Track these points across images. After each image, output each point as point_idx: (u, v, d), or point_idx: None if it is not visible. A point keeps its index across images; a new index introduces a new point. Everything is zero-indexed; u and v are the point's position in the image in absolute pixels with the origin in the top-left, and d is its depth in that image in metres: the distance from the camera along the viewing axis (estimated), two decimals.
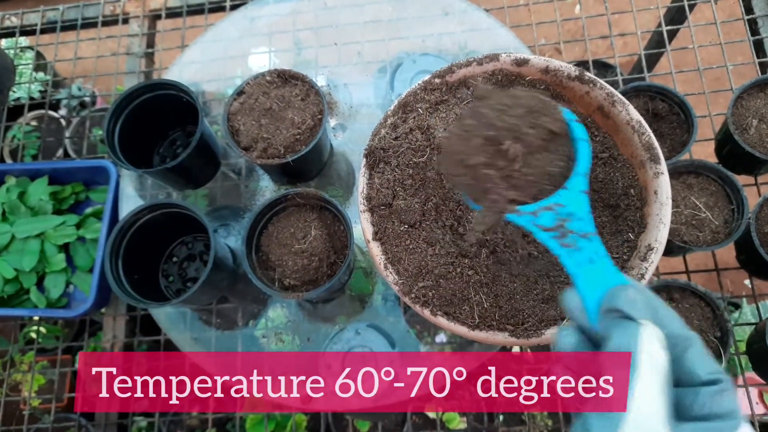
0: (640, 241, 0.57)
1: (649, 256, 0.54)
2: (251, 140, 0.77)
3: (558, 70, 0.62)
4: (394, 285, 0.56)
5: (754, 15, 1.00)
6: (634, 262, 0.56)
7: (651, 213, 0.57)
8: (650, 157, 0.58)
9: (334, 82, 0.98)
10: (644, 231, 0.57)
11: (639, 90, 0.86)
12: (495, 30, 0.98)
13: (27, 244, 0.93)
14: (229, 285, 0.84)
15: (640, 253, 0.55)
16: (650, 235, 0.56)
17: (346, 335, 0.83)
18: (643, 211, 0.58)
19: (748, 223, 0.78)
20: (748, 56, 0.99)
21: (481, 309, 0.54)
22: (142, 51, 1.11)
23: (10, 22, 1.18)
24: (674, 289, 0.79)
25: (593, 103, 0.62)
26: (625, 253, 0.57)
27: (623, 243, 0.58)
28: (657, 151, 0.58)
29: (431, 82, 0.64)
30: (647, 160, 0.58)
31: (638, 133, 0.59)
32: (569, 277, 0.40)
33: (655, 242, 0.55)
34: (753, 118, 0.83)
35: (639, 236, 0.57)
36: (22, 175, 0.98)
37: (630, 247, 0.57)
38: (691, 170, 0.83)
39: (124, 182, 0.95)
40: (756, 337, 0.82)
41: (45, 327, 1.32)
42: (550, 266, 0.59)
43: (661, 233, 0.55)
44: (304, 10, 1.04)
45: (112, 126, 0.83)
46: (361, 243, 0.84)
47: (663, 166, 0.57)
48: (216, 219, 0.92)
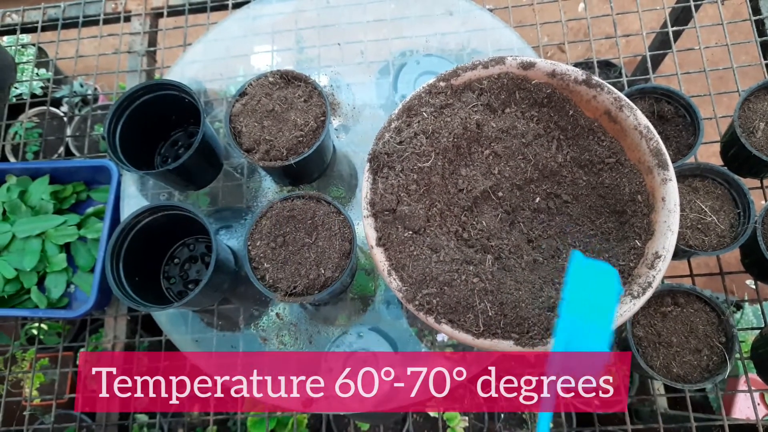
0: (647, 248, 0.56)
1: (656, 264, 0.54)
2: (254, 142, 0.76)
3: (565, 74, 0.62)
4: (397, 292, 0.56)
5: (761, 16, 0.99)
6: (641, 269, 0.55)
7: (658, 220, 0.56)
8: (658, 163, 0.57)
9: (337, 83, 0.97)
10: (651, 238, 0.56)
11: (644, 92, 0.86)
12: (499, 30, 0.97)
13: (28, 244, 0.93)
14: (231, 287, 0.84)
15: (647, 260, 0.55)
16: (658, 243, 0.55)
17: (349, 338, 0.83)
18: (651, 218, 0.58)
19: (754, 227, 0.78)
20: (754, 57, 0.98)
21: (485, 317, 0.53)
22: (144, 49, 1.11)
23: (11, 19, 1.18)
24: (679, 293, 0.78)
25: (600, 107, 0.61)
26: (632, 260, 0.57)
27: (630, 250, 0.57)
28: (665, 156, 0.57)
29: (436, 85, 0.63)
30: (655, 166, 0.57)
31: (646, 139, 0.58)
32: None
33: (662, 250, 0.54)
34: (760, 121, 0.82)
35: (646, 243, 0.57)
36: (23, 174, 0.98)
37: (637, 254, 0.57)
38: (697, 173, 0.82)
39: (126, 182, 0.94)
40: (761, 342, 0.82)
41: (46, 324, 1.32)
42: (555, 273, 0.58)
43: (668, 241, 0.54)
44: (306, 9, 1.03)
45: (113, 127, 0.82)
46: (363, 244, 0.84)
47: (671, 172, 0.56)
48: (218, 220, 0.91)
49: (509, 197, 0.63)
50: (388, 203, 0.58)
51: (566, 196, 0.62)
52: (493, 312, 0.53)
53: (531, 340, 0.52)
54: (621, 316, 0.52)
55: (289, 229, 0.72)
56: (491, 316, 0.53)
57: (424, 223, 0.58)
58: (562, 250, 0.60)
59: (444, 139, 0.60)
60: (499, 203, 0.63)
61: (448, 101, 0.63)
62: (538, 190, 0.63)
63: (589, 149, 0.62)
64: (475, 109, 0.63)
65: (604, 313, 0.44)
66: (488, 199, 0.63)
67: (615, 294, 0.46)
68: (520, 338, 0.52)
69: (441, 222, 0.59)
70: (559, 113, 0.63)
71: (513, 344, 0.52)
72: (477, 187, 0.62)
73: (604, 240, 0.60)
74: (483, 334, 0.53)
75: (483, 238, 0.60)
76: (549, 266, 0.59)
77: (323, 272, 0.69)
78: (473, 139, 0.62)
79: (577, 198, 0.62)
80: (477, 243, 0.60)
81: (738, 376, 1.19)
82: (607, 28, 1.04)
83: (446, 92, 0.63)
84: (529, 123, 0.63)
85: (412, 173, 0.59)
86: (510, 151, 0.62)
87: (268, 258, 0.71)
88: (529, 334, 0.52)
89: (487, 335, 0.53)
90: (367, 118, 0.94)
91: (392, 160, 0.60)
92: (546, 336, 0.53)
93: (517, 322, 0.53)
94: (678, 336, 0.76)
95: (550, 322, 0.53)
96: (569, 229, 0.61)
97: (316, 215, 0.72)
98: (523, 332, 0.53)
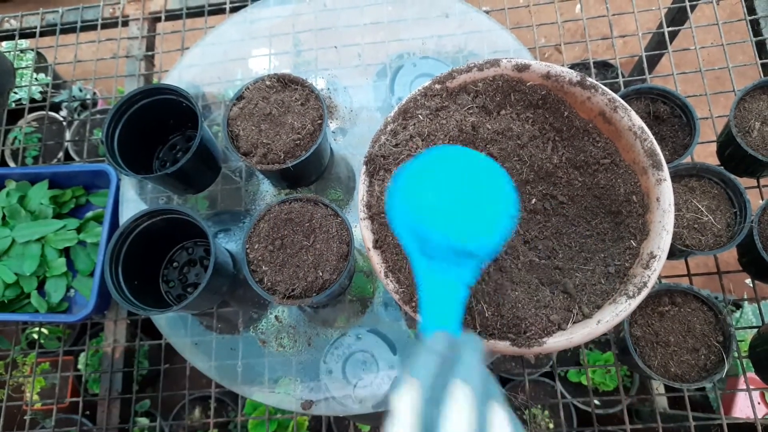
0: (642, 248, 0.57)
1: (651, 264, 0.54)
2: (251, 145, 0.77)
3: (559, 76, 0.62)
4: (394, 294, 0.56)
5: (757, 15, 1.00)
6: (636, 270, 0.56)
7: (653, 220, 0.57)
8: (652, 164, 0.57)
9: (334, 85, 0.97)
10: (646, 238, 0.57)
11: (640, 93, 0.86)
12: (495, 32, 0.97)
13: (27, 249, 0.93)
14: (230, 290, 0.84)
15: (643, 260, 0.55)
16: (653, 243, 0.55)
17: (347, 340, 0.83)
18: (646, 218, 0.58)
19: (751, 227, 0.78)
20: (749, 56, 0.99)
21: (482, 318, 0.53)
22: (142, 53, 1.11)
23: (10, 25, 1.18)
24: (676, 293, 0.79)
25: (595, 108, 0.62)
26: (628, 260, 0.57)
27: (625, 250, 0.58)
28: (659, 157, 0.57)
29: (431, 87, 0.63)
30: (649, 167, 0.58)
31: (640, 140, 0.58)
32: (575, 283, 0.40)
33: (657, 250, 0.55)
34: (756, 120, 0.83)
35: (641, 243, 0.57)
36: (23, 179, 0.98)
37: (632, 254, 0.57)
38: (693, 173, 0.83)
39: (125, 186, 0.95)
40: (759, 340, 0.82)
41: (47, 329, 1.32)
42: (552, 273, 0.59)
43: (663, 241, 0.55)
44: (303, 12, 1.03)
45: (112, 131, 0.83)
46: (361, 246, 0.84)
47: (665, 173, 0.57)
48: (216, 223, 0.92)
49: None
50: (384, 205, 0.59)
51: (562, 197, 0.63)
52: (489, 313, 0.53)
53: (528, 341, 0.52)
54: (617, 316, 0.52)
55: (287, 232, 0.72)
56: (488, 317, 0.53)
57: None
58: (558, 251, 0.60)
59: (440, 141, 0.60)
60: None
61: (444, 104, 0.63)
62: (534, 191, 0.63)
63: (584, 150, 0.62)
64: (471, 111, 0.63)
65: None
66: None
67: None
68: (517, 339, 0.53)
69: None
70: (554, 115, 0.63)
71: (510, 345, 0.52)
72: None
73: (600, 240, 0.60)
74: (480, 335, 0.53)
75: None
76: (546, 266, 0.59)
77: (321, 275, 0.70)
78: (469, 141, 0.62)
79: (573, 199, 0.62)
80: None
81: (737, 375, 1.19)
82: (603, 28, 1.05)
83: (441, 95, 0.63)
84: (524, 125, 0.63)
85: None
86: (505, 153, 0.62)
87: (266, 261, 0.71)
88: (527, 334, 0.53)
89: (483, 336, 0.53)
90: (364, 121, 0.94)
91: (388, 162, 0.60)
92: (543, 336, 0.53)
93: (514, 322, 0.53)
94: (675, 335, 0.76)
95: (547, 322, 0.54)
96: (565, 230, 0.62)
97: (313, 218, 0.72)
98: (519, 332, 0.53)
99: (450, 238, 0.42)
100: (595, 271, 0.58)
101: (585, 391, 1.47)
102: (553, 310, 0.55)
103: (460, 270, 0.43)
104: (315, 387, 0.82)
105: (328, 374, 0.82)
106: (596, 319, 0.53)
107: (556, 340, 0.52)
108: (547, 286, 0.57)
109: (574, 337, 0.52)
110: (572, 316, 0.54)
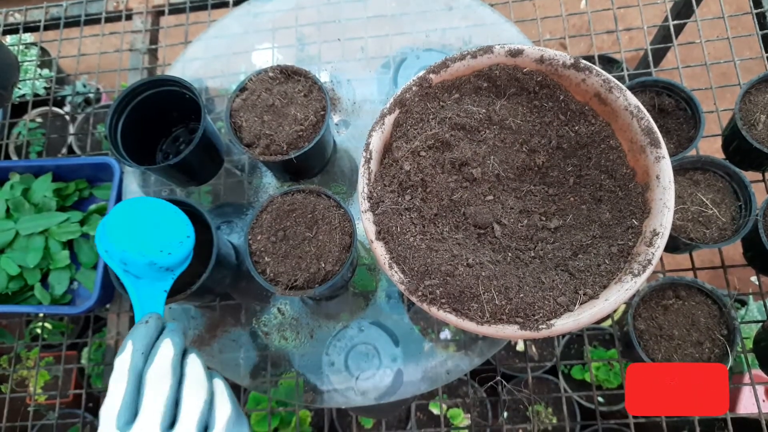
0: (644, 226, 0.57)
1: (654, 242, 0.54)
2: (254, 137, 0.77)
3: (553, 59, 0.62)
4: (399, 284, 0.56)
5: (763, 9, 0.99)
6: (640, 248, 0.56)
7: (654, 198, 0.57)
8: (650, 142, 0.57)
9: (338, 78, 0.97)
10: (648, 216, 0.57)
11: (645, 85, 0.85)
12: (499, 25, 0.97)
13: (31, 241, 0.94)
14: (232, 282, 0.84)
15: (646, 238, 0.55)
16: (655, 221, 0.55)
17: (350, 332, 0.83)
18: (646, 197, 0.58)
19: (756, 220, 0.77)
20: (756, 51, 0.98)
21: (492, 304, 0.53)
22: (146, 47, 1.11)
23: (14, 19, 1.18)
24: (680, 286, 0.78)
25: (590, 90, 0.61)
26: (631, 239, 0.57)
27: (627, 229, 0.58)
28: (657, 135, 0.57)
29: (426, 77, 0.63)
30: (647, 145, 0.58)
31: (637, 118, 0.58)
32: (580, 264, 0.40)
33: (660, 227, 0.55)
34: (761, 113, 0.82)
35: (643, 222, 0.57)
36: (26, 172, 0.98)
37: (635, 233, 0.57)
38: (698, 166, 0.82)
39: (128, 179, 0.95)
40: (763, 335, 0.81)
41: (50, 323, 1.33)
42: (557, 255, 0.59)
43: (665, 217, 0.55)
44: (306, 6, 1.03)
45: (115, 123, 0.83)
46: (364, 239, 0.84)
47: (664, 150, 0.57)
48: (219, 216, 0.92)
49: (507, 186, 0.63)
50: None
51: (562, 181, 0.63)
52: (498, 298, 0.53)
53: (536, 323, 0.52)
54: (625, 293, 0.52)
55: (289, 223, 0.72)
56: (496, 303, 0.53)
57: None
58: (562, 234, 0.61)
59: (434, 130, 0.60)
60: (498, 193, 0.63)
61: (437, 93, 0.63)
62: (534, 177, 0.63)
63: (580, 133, 0.62)
64: (467, 100, 0.63)
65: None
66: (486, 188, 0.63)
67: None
68: (525, 322, 0.52)
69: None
70: (551, 99, 0.63)
71: (518, 329, 0.52)
72: (473, 178, 0.62)
73: (602, 221, 0.60)
74: (487, 320, 0.53)
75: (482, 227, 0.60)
76: (550, 250, 0.59)
77: (324, 266, 0.70)
78: (466, 129, 0.62)
79: (573, 182, 0.63)
80: (475, 233, 0.60)
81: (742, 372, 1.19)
82: (608, 22, 1.04)
83: (436, 84, 0.63)
84: (521, 111, 0.63)
85: None
86: (504, 141, 0.62)
87: (269, 252, 0.71)
88: (534, 317, 0.52)
89: (491, 321, 0.53)
90: (367, 113, 0.94)
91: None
92: (551, 318, 0.53)
93: (521, 306, 0.53)
94: (679, 329, 0.76)
95: (555, 304, 0.54)
96: (567, 213, 0.62)
97: (316, 209, 0.72)
98: (528, 316, 0.53)
99: (145, 256, 0.60)
100: (599, 252, 0.57)
101: (589, 388, 1.47)
102: (560, 292, 0.55)
103: (160, 282, 0.62)
104: (317, 379, 0.82)
105: (330, 366, 0.82)
106: (603, 297, 0.53)
107: (564, 321, 0.52)
108: (553, 269, 0.57)
109: (582, 318, 0.52)
110: (579, 297, 0.54)
